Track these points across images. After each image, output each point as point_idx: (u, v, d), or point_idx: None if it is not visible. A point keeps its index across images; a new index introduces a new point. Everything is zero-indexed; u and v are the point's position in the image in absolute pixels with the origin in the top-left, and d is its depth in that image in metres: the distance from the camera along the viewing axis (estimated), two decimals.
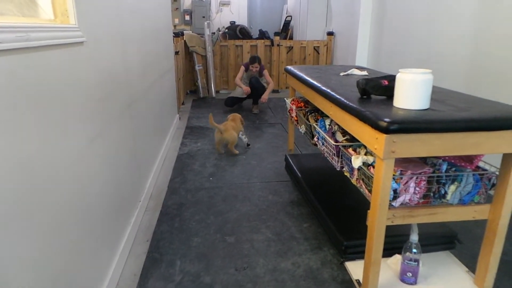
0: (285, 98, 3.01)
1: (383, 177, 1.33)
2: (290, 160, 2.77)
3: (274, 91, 6.61)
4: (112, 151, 1.85)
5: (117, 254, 1.89)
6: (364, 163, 1.54)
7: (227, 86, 6.57)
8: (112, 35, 1.93)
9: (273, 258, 1.99)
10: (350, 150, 1.69)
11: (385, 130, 1.28)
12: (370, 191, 1.47)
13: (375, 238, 1.41)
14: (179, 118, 4.80)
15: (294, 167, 2.63)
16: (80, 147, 1.43)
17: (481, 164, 1.52)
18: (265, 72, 5.35)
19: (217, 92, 6.42)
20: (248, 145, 3.69)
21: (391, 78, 1.61)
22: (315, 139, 2.20)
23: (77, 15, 1.45)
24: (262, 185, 2.88)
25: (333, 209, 2.07)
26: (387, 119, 1.28)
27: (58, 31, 1.28)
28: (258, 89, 5.17)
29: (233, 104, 5.39)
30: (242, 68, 5.29)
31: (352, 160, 1.58)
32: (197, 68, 6.08)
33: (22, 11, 1.27)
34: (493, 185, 1.48)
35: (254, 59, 5.20)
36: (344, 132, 1.88)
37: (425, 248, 1.78)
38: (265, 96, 5.22)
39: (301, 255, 2.01)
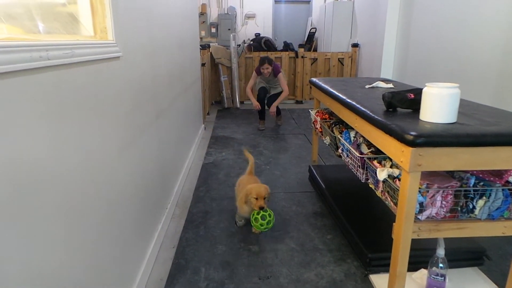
0: (309, 110, 3.04)
1: (409, 190, 1.33)
2: (314, 171, 2.78)
3: (297, 101, 6.65)
4: (140, 159, 1.93)
5: (145, 259, 1.95)
6: (389, 176, 1.55)
7: None
8: (144, 49, 2.03)
9: (296, 269, 2.01)
10: (375, 162, 1.70)
11: (412, 143, 1.29)
12: (395, 204, 1.47)
13: (401, 251, 1.41)
14: (205, 128, 4.90)
15: (318, 178, 2.64)
16: (113, 154, 1.51)
17: (511, 179, 1.49)
18: (280, 75, 4.80)
19: (241, 103, 6.51)
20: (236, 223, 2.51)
21: (417, 92, 1.62)
22: (340, 150, 2.21)
23: (115, 31, 1.55)
24: (285, 196, 2.90)
25: (357, 221, 2.06)
26: (413, 133, 1.29)
27: (99, 47, 1.37)
28: (268, 100, 4.85)
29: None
30: (254, 73, 4.91)
31: (378, 172, 1.59)
32: (222, 79, 6.21)
33: (66, 29, 1.37)
34: None
35: (263, 60, 4.73)
36: (370, 144, 1.89)
37: (452, 263, 1.75)
38: (272, 108, 4.79)
39: (324, 267, 2.01)
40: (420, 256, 1.67)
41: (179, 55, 3.21)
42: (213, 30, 7.41)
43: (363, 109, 1.74)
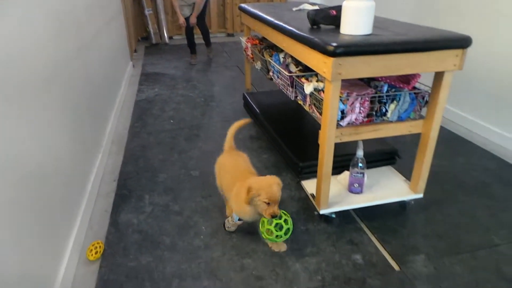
0: (240, 37, 3.03)
1: (331, 98, 1.46)
2: (248, 98, 2.86)
3: (228, 34, 6.50)
4: (66, 93, 1.83)
5: (86, 194, 1.95)
6: (315, 89, 1.67)
7: (181, 31, 6.35)
8: None
9: None
10: (303, 79, 1.81)
11: (332, 54, 1.39)
12: (320, 113, 1.62)
13: (326, 155, 1.59)
14: (133, 65, 4.65)
15: (252, 104, 2.74)
16: (39, 85, 1.42)
17: (417, 85, 1.70)
18: None
19: (170, 38, 6.20)
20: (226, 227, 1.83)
21: (339, 8, 1.70)
22: (271, 73, 2.29)
23: None
24: (222, 124, 2.98)
25: (289, 137, 2.23)
26: (333, 44, 1.39)
27: None
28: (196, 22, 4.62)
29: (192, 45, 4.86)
30: None
31: (305, 87, 1.70)
32: (147, 12, 5.79)
33: None
34: (426, 102, 1.68)
35: None
36: (297, 64, 1.99)
37: (371, 164, 2.01)
38: (193, 19, 4.58)
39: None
40: (344, 161, 1.88)
41: None
42: None
43: (289, 28, 1.80)
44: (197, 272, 1.56)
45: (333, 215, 1.80)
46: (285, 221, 1.52)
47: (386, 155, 2.04)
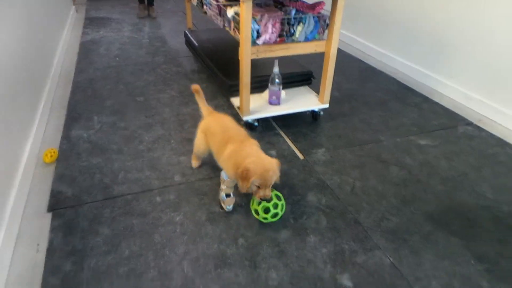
0: None
1: (245, 17, 1.77)
2: (189, 35, 3.09)
3: None
4: (6, 26, 1.99)
5: (37, 115, 2.17)
6: (236, 13, 1.97)
7: None
8: None
9: (176, 108, 2.46)
10: (228, 7, 2.09)
11: None
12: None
13: (244, 67, 1.92)
14: (76, 10, 4.63)
15: (192, 40, 2.99)
16: None
17: (322, 11, 2.04)
18: None
19: None
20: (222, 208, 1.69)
21: None
22: (205, 7, 2.54)
23: None
24: (166, 60, 3.22)
25: (221, 63, 2.53)
26: None
27: None
28: None
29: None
30: None
31: (227, 11, 1.99)
32: None
33: None
34: (327, 25, 2.04)
35: None
36: None
37: (290, 84, 2.39)
38: None
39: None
40: (266, 80, 2.23)
41: None
42: None
43: None
44: (140, 167, 1.89)
45: (256, 123, 2.18)
46: (275, 205, 1.49)
47: (302, 76, 2.41)
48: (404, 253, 1.44)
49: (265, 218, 1.51)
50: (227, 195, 1.59)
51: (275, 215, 1.50)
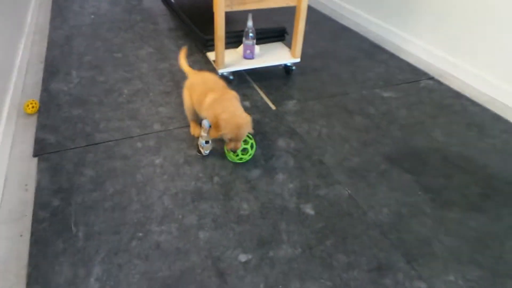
0: None
1: None
2: None
3: None
4: None
5: (15, 69, 2.20)
6: None
7: None
8: None
9: (154, 63, 2.52)
10: None
11: None
12: None
13: (219, 20, 2.00)
14: None
15: None
16: None
17: None
18: None
19: None
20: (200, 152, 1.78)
21: None
22: None
23: None
24: (143, 18, 3.22)
25: (198, 20, 2.58)
26: None
27: None
28: None
29: None
30: None
31: None
32: None
33: None
34: None
35: None
36: None
37: (265, 40, 2.48)
38: None
39: (176, 59, 2.57)
40: (240, 36, 2.31)
41: None
42: None
43: None
44: (121, 117, 1.98)
45: (231, 77, 2.28)
46: (244, 141, 1.64)
47: (276, 32, 2.50)
48: (361, 187, 1.62)
49: (236, 155, 1.67)
50: (207, 142, 1.71)
51: (245, 150, 1.66)
